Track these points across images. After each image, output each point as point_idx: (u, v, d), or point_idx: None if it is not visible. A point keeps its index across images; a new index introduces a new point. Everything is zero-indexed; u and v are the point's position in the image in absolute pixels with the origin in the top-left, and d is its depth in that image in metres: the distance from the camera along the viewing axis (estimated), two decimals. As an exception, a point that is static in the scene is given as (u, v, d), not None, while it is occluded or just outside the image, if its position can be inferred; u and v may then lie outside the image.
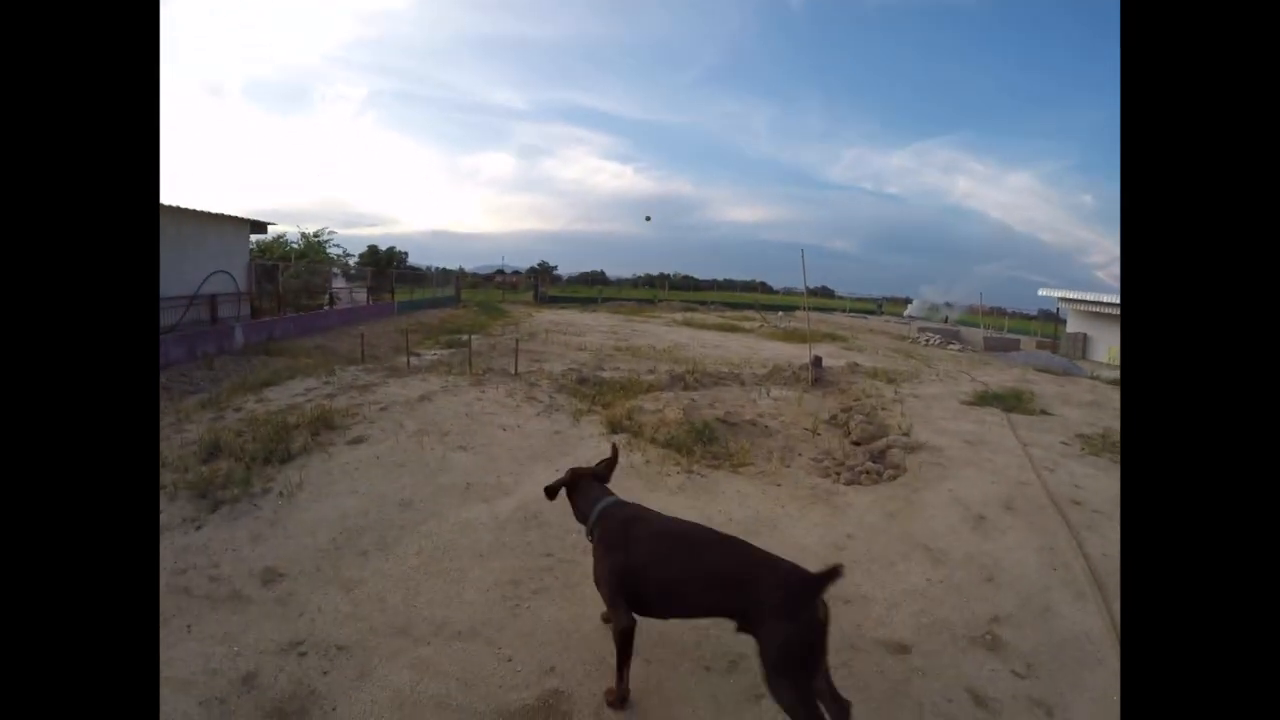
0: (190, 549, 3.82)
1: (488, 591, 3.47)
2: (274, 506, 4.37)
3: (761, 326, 25.23)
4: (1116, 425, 8.42)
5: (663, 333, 20.61)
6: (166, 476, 4.72)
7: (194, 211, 12.84)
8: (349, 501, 4.49)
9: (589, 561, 3.37)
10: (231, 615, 3.18)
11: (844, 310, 44.67)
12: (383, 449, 5.47)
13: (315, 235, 25.14)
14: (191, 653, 2.88)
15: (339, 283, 22.87)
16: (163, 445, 5.42)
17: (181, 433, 5.87)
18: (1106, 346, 26.06)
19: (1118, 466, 6.37)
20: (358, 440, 5.65)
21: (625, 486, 4.92)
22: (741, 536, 4.11)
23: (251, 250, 15.94)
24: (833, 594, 3.53)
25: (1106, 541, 4.42)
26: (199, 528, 4.08)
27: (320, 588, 3.45)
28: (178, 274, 12.31)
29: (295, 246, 24.05)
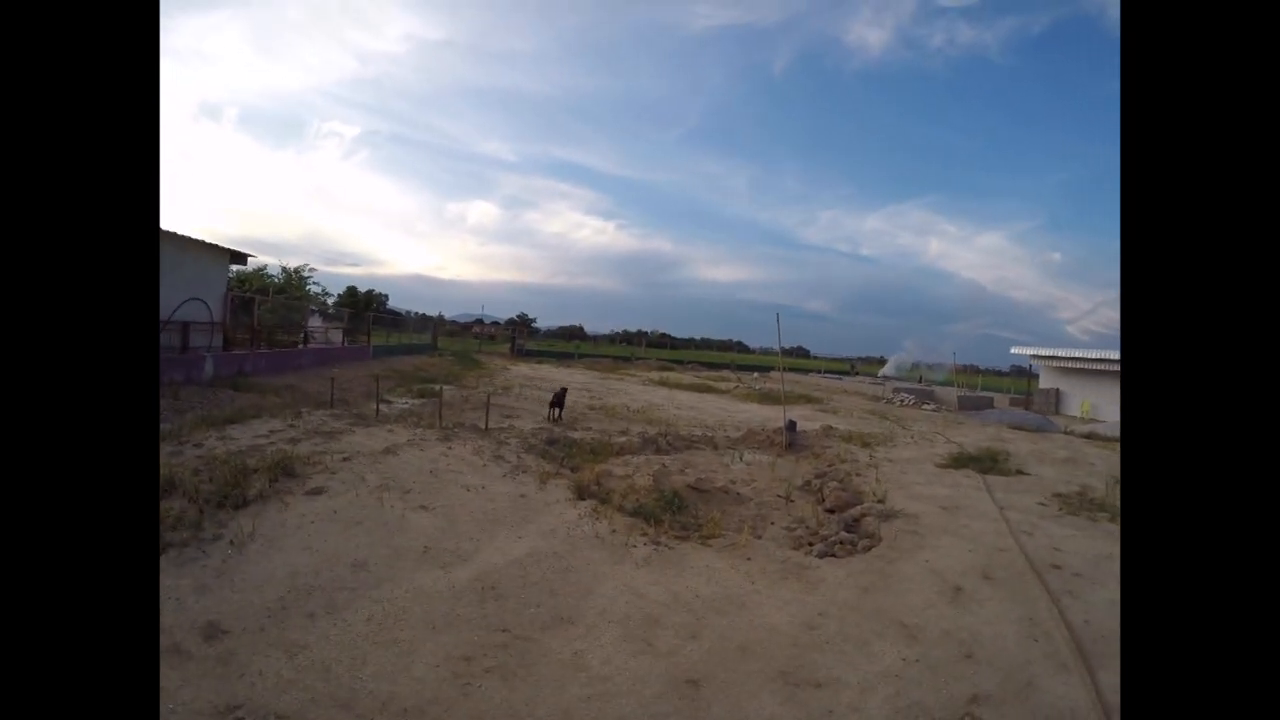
0: (129, 595, 3.58)
1: (438, 667, 3.27)
2: (223, 555, 4.16)
3: (737, 387, 25.30)
4: (1092, 482, 8.48)
5: (638, 392, 20.51)
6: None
7: (173, 235, 12.47)
8: (301, 558, 4.27)
9: (546, 639, 3.68)
10: (168, 669, 2.97)
11: (819, 371, 45.06)
12: (341, 503, 5.26)
13: (296, 271, 24.96)
14: (122, 706, 2.65)
15: (315, 321, 22.57)
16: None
17: (134, 469, 5.60)
18: (1078, 401, 26.52)
19: (1096, 526, 6.36)
20: (316, 491, 5.44)
21: (588, 558, 4.80)
22: (709, 617, 3.98)
23: (230, 280, 15.63)
24: (804, 678, 3.40)
25: (1088, 607, 4.27)
26: (142, 572, 3.83)
27: (263, 649, 3.24)
28: (150, 296, 11.89)
29: (275, 280, 23.80)
